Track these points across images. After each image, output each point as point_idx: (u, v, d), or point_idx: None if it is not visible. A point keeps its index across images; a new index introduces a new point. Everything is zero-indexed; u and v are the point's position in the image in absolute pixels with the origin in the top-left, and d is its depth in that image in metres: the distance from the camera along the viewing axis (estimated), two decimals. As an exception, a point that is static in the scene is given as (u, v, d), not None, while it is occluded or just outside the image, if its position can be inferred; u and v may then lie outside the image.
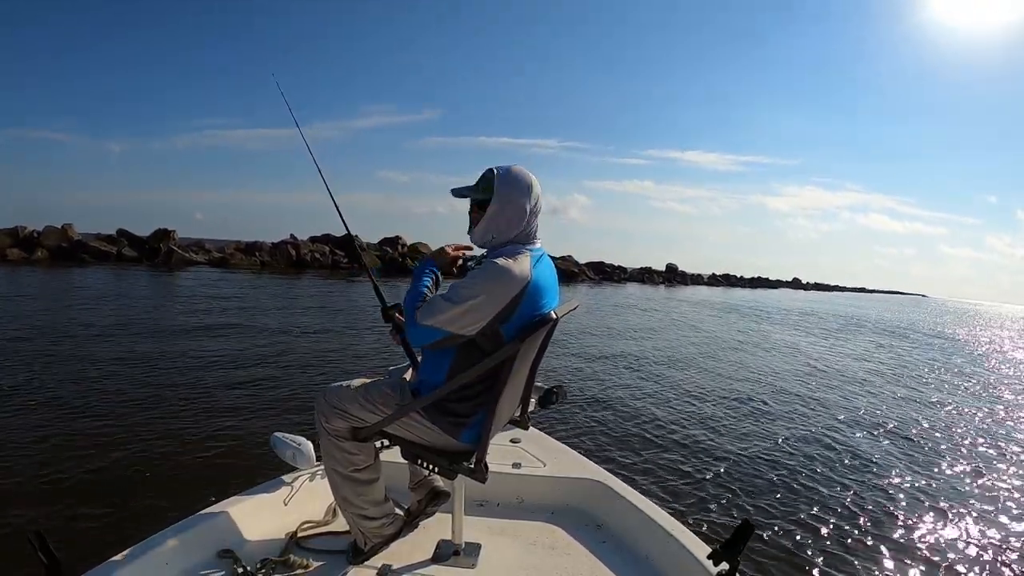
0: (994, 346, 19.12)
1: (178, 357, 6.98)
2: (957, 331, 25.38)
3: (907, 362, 12.24)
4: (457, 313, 1.43)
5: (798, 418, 6.23)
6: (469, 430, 1.55)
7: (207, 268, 23.19)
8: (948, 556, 3.27)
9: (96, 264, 22.04)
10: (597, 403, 6.19)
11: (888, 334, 19.17)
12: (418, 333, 1.53)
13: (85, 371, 6.01)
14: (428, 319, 1.48)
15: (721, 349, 11.43)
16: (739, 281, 63.96)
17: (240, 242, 28.91)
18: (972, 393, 9.03)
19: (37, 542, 1.24)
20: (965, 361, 13.69)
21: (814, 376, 9.08)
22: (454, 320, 1.44)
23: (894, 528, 3.57)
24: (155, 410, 4.93)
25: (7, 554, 2.64)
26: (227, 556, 1.64)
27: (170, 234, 26.16)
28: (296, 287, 18.28)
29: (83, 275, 16.95)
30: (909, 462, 4.93)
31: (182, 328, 9.09)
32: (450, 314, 1.44)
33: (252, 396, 5.56)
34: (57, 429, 4.32)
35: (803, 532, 3.41)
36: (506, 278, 1.43)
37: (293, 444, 2.05)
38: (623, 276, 43.76)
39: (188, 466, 3.81)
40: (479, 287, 1.43)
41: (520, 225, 1.53)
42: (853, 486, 4.21)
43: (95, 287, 14.11)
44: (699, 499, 3.80)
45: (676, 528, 1.76)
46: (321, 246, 29.34)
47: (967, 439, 5.91)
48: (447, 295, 1.48)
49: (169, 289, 15.33)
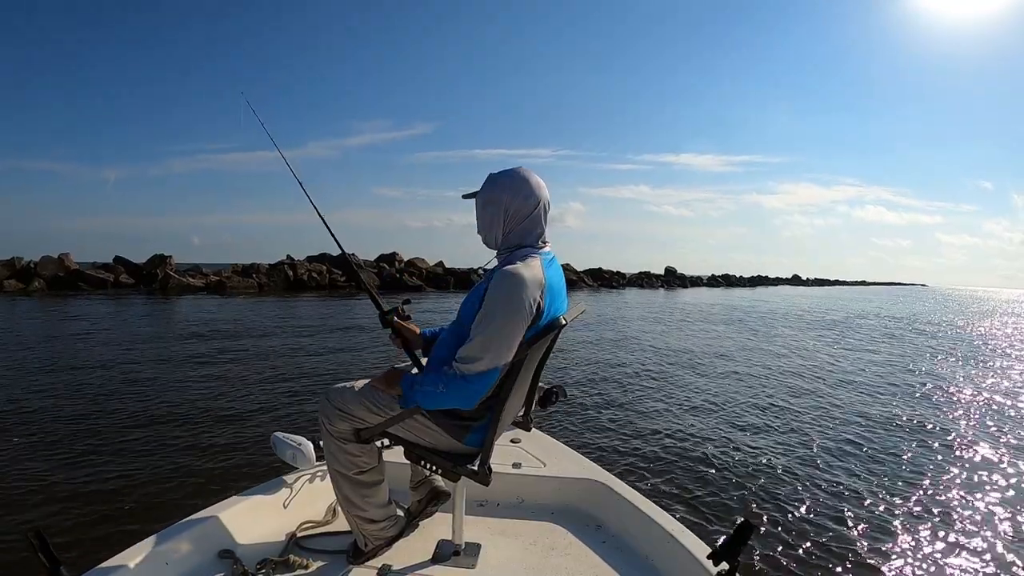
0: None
1: (177, 372, 7.02)
2: (961, 320, 25.35)
3: (910, 352, 12.24)
4: (500, 341, 1.38)
5: (799, 418, 6.23)
6: (474, 433, 1.54)
7: (204, 294, 22.99)
8: (949, 556, 3.26)
9: (93, 293, 21.92)
10: (597, 403, 6.20)
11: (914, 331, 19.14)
12: (470, 388, 1.41)
13: (85, 384, 6.04)
14: (474, 365, 1.39)
15: (725, 352, 11.43)
16: (738, 281, 64.24)
17: (237, 265, 28.69)
18: (992, 381, 9.02)
19: (37, 542, 1.24)
20: (962, 346, 13.68)
21: (813, 374, 9.08)
22: (500, 348, 1.39)
23: (895, 528, 3.56)
24: (155, 413, 4.94)
25: (7, 554, 2.64)
26: (227, 556, 1.64)
27: (167, 260, 25.91)
28: (294, 308, 18.17)
29: (80, 305, 16.75)
30: (911, 462, 4.92)
31: (179, 348, 9.07)
32: (495, 347, 1.38)
33: (252, 397, 5.57)
34: (58, 433, 4.33)
35: (803, 532, 3.40)
36: (522, 284, 1.39)
37: (293, 444, 2.05)
38: (622, 281, 43.80)
39: (188, 466, 3.81)
40: (503, 305, 1.38)
41: (510, 224, 1.51)
42: (854, 486, 4.20)
43: (92, 316, 13.90)
44: (699, 499, 3.80)
45: (676, 528, 1.76)
46: (318, 265, 29.24)
47: (986, 437, 5.90)
48: (481, 336, 1.39)
49: (166, 315, 15.16)
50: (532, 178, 1.53)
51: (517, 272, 1.40)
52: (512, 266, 1.43)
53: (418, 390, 1.47)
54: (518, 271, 1.41)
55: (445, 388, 1.43)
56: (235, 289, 25.04)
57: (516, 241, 1.52)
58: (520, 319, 1.39)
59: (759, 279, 70.79)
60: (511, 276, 1.40)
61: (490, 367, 1.39)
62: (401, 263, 33.48)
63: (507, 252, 1.53)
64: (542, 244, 1.55)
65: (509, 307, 1.38)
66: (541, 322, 1.44)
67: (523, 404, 1.78)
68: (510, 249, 1.52)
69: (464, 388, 1.41)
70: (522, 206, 1.51)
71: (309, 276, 28.02)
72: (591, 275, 42.29)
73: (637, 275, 48.26)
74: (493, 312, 1.39)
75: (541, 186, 1.53)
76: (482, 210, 1.56)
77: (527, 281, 1.40)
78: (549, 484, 2.13)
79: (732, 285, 59.11)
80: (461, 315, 1.52)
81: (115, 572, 1.41)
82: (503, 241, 1.54)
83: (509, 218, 1.51)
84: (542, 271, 1.46)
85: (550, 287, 1.46)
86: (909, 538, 3.44)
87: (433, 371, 1.51)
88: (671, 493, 3.86)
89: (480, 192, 1.56)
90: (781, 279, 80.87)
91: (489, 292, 1.41)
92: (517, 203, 1.50)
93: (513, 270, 1.41)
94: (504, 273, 1.41)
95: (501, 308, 1.38)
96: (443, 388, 1.43)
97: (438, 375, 1.46)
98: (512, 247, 1.52)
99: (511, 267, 1.43)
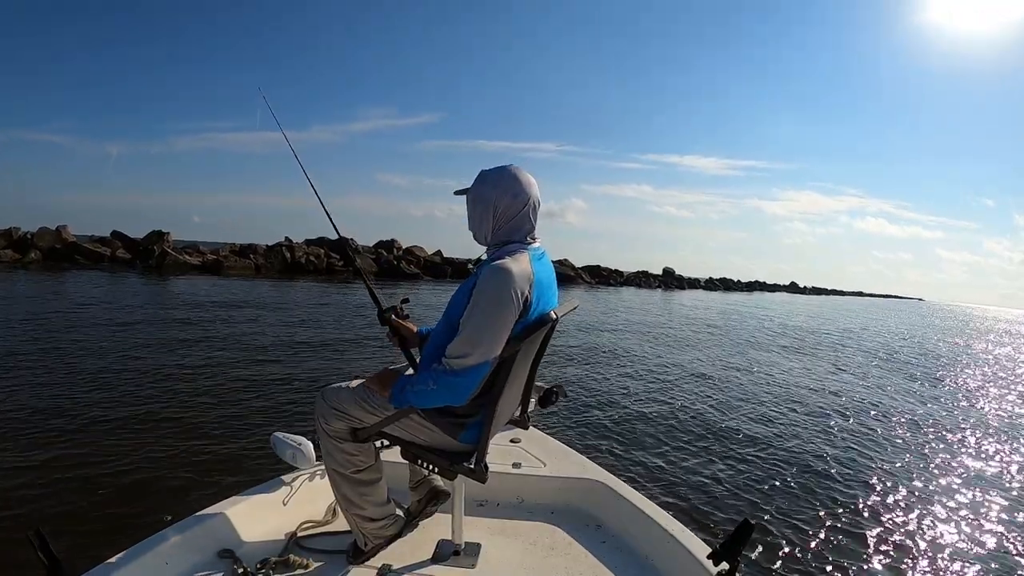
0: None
1: (175, 360, 6.98)
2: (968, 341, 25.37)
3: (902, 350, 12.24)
4: (489, 334, 1.39)
5: (799, 419, 6.23)
6: (468, 431, 1.54)
7: (200, 274, 22.81)
8: (948, 555, 3.26)
9: (88, 267, 21.80)
10: (597, 404, 6.20)
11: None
12: (460, 383, 1.41)
13: (81, 375, 6.01)
14: (463, 359, 1.40)
15: (724, 354, 11.42)
16: (736, 285, 64.08)
17: (235, 244, 28.62)
18: (980, 386, 9.03)
19: (37, 542, 1.24)
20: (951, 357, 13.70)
21: (814, 379, 9.08)
22: (490, 342, 1.40)
23: (895, 528, 3.56)
24: (153, 411, 4.93)
25: (7, 554, 2.64)
26: (227, 556, 1.64)
27: (164, 236, 25.86)
28: (291, 291, 18.17)
29: (74, 280, 16.61)
30: (913, 461, 4.93)
31: (178, 331, 9.01)
32: (484, 341, 1.39)
33: (251, 397, 5.56)
34: (57, 430, 4.32)
35: (803, 532, 3.41)
36: (509, 278, 1.40)
37: (293, 444, 2.05)
38: (619, 280, 43.68)
39: (188, 466, 3.81)
40: (490, 298, 1.40)
41: (499, 221, 1.52)
42: (854, 486, 4.20)
43: (85, 294, 13.59)
44: (699, 499, 3.80)
45: (676, 528, 1.76)
46: (316, 249, 29.19)
47: (985, 440, 5.91)
48: (469, 330, 1.40)
49: (161, 297, 14.90)
50: (522, 176, 1.53)
51: (504, 266, 1.42)
52: (500, 261, 1.44)
53: (409, 391, 1.47)
54: (505, 265, 1.42)
55: (435, 385, 1.43)
56: (232, 269, 24.84)
57: (505, 237, 1.54)
58: (507, 312, 1.40)
59: (757, 284, 70.86)
60: (498, 270, 1.41)
61: (479, 361, 1.40)
62: (399, 250, 33.31)
63: (496, 248, 1.54)
64: (531, 240, 1.56)
65: (496, 301, 1.40)
66: (530, 316, 1.45)
67: (520, 402, 1.78)
68: (499, 245, 1.54)
69: (454, 383, 1.42)
70: (511, 204, 1.52)
71: (307, 259, 27.85)
72: (589, 272, 42.13)
73: (635, 274, 48.14)
74: (480, 306, 1.40)
75: (531, 184, 1.54)
76: (472, 207, 1.57)
77: (514, 275, 1.41)
78: (549, 484, 2.13)
79: (730, 289, 59.11)
80: (450, 311, 1.52)
81: (115, 572, 1.41)
82: (492, 237, 1.55)
83: (499, 215, 1.52)
84: (530, 265, 1.47)
85: (539, 281, 1.47)
86: (909, 538, 3.44)
87: (424, 369, 1.52)
88: (671, 493, 3.86)
89: (471, 189, 1.57)
90: (779, 285, 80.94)
91: (477, 287, 1.43)
92: (506, 201, 1.51)
93: (500, 264, 1.43)
94: (491, 268, 1.43)
95: (488, 302, 1.40)
96: (433, 385, 1.44)
97: (428, 373, 1.46)
98: (501, 243, 1.54)
99: (499, 262, 1.44)
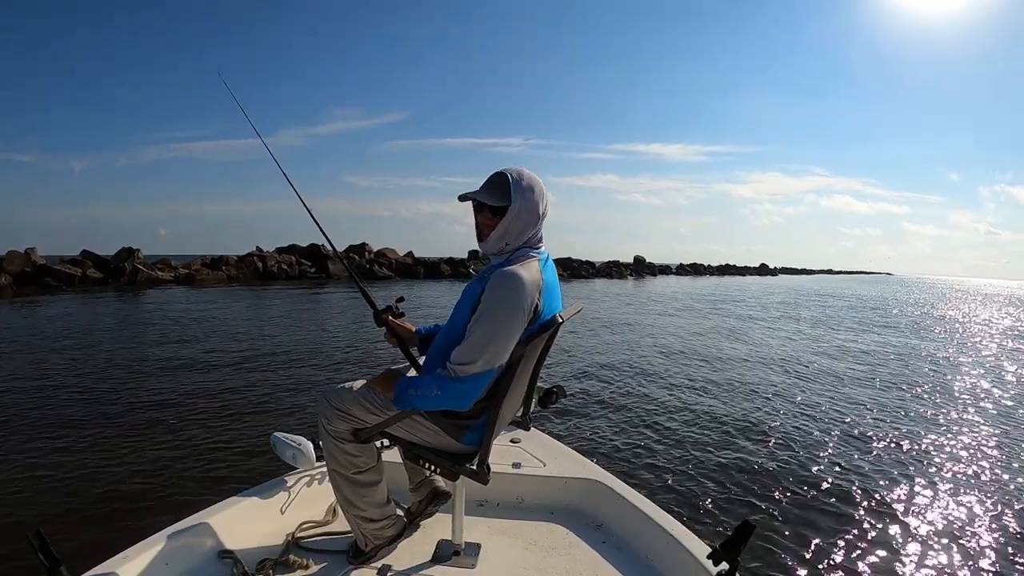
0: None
1: (169, 371, 6.99)
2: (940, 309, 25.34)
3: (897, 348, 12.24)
4: (496, 342, 1.38)
5: (800, 418, 6.22)
6: (472, 432, 1.54)
7: (174, 286, 22.78)
8: (948, 555, 3.26)
9: (62, 290, 21.10)
10: (597, 403, 6.19)
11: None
12: (466, 389, 1.40)
13: (80, 387, 6.01)
14: (469, 367, 1.38)
15: (719, 349, 11.42)
16: (707, 270, 65.68)
17: (206, 257, 28.61)
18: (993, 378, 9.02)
19: (37, 542, 1.24)
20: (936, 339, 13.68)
21: (811, 371, 9.07)
22: (497, 349, 1.38)
23: (896, 527, 3.56)
24: (153, 412, 4.94)
25: (7, 554, 2.64)
26: (227, 556, 1.64)
27: (135, 253, 25.29)
28: (266, 298, 18.16)
29: (52, 304, 15.95)
30: (914, 461, 4.92)
31: (166, 346, 8.95)
32: (492, 349, 1.38)
33: (250, 397, 5.56)
34: (57, 432, 4.33)
35: (804, 532, 3.40)
36: (521, 286, 1.38)
37: (293, 444, 2.05)
38: (591, 271, 43.65)
39: (188, 467, 3.81)
40: (501, 306, 1.38)
41: (533, 229, 1.50)
42: (854, 486, 4.20)
43: (67, 315, 13.24)
44: (699, 499, 3.80)
45: (676, 528, 1.76)
46: (287, 256, 29.52)
47: (986, 436, 5.90)
48: (477, 336, 1.38)
49: (140, 310, 14.82)
50: (539, 177, 1.52)
51: (516, 273, 1.39)
52: (510, 267, 1.42)
53: (413, 395, 1.46)
54: (517, 272, 1.40)
55: (440, 391, 1.42)
56: (205, 281, 25.05)
57: (523, 244, 1.51)
58: (518, 321, 1.39)
59: (728, 267, 72.68)
60: (510, 277, 1.39)
61: (485, 369, 1.39)
62: (371, 254, 33.78)
63: (508, 253, 1.51)
64: (540, 244, 1.55)
65: (507, 309, 1.37)
66: (537, 322, 1.43)
67: (522, 403, 1.78)
68: (514, 251, 1.51)
69: (459, 390, 1.40)
70: (544, 209, 1.50)
71: (279, 268, 28.36)
72: (560, 265, 42.08)
73: (606, 264, 48.13)
74: (490, 314, 1.38)
75: (543, 185, 1.53)
76: (515, 219, 1.46)
77: (526, 283, 1.39)
78: (549, 484, 2.13)
79: (700, 274, 60.24)
80: (454, 318, 1.51)
81: (115, 572, 1.41)
82: (517, 247, 1.50)
83: (539, 222, 1.49)
84: (540, 272, 1.45)
85: (547, 287, 1.46)
86: (909, 538, 3.44)
87: (428, 374, 1.51)
88: (671, 493, 3.86)
89: (514, 199, 1.45)
90: (749, 268, 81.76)
91: (486, 294, 1.40)
92: (543, 207, 1.49)
93: (512, 271, 1.40)
94: (502, 274, 1.40)
95: (499, 310, 1.38)
96: (438, 391, 1.42)
97: (432, 378, 1.45)
98: (515, 249, 1.51)
99: (509, 268, 1.41)
